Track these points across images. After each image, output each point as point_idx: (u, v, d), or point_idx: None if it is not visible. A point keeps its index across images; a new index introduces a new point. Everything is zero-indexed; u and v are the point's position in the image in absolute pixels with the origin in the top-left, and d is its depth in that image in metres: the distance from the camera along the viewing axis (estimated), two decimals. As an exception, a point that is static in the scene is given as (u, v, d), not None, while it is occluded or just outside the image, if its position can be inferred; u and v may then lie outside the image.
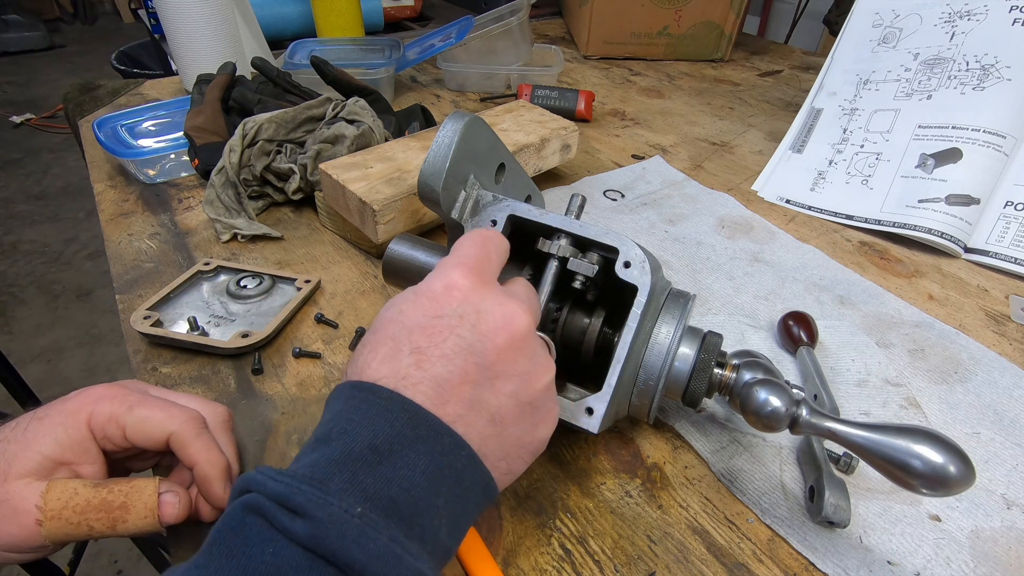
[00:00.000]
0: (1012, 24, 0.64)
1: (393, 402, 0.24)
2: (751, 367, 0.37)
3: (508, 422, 0.27)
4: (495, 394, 0.27)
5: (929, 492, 0.29)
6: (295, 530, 0.20)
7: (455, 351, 0.26)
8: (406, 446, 0.24)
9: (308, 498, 0.21)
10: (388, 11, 1.37)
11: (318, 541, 0.20)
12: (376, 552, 0.21)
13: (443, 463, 0.24)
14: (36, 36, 3.99)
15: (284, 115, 0.64)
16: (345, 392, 0.26)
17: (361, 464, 0.23)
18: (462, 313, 0.27)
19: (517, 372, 0.27)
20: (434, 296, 0.28)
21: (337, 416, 0.25)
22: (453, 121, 0.36)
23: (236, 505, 0.22)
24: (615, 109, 0.95)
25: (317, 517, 0.20)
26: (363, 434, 0.23)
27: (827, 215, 0.68)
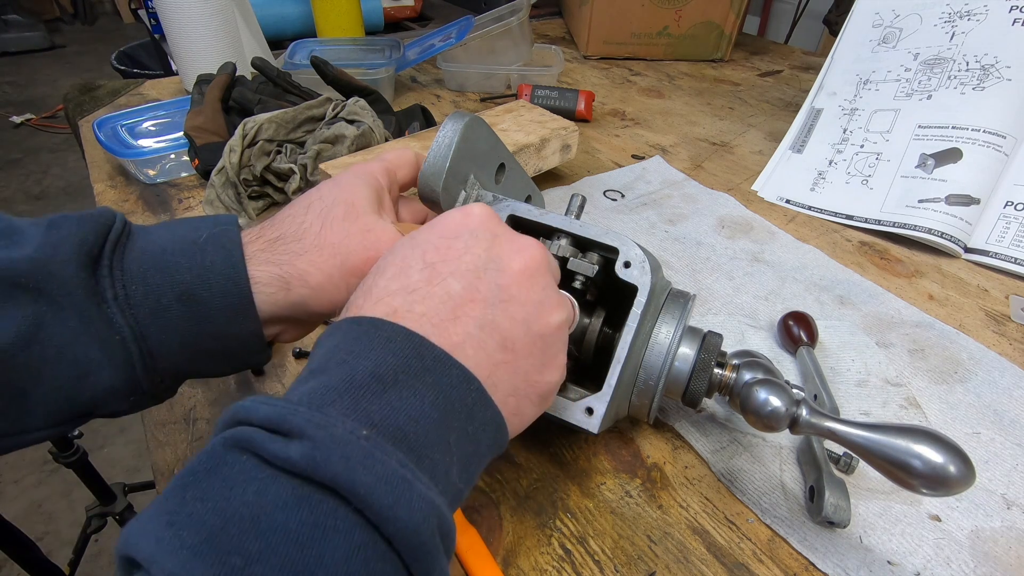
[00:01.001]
0: (1012, 24, 0.64)
1: (396, 332, 0.23)
2: (751, 367, 0.37)
3: (519, 351, 0.26)
4: (507, 318, 0.25)
5: (929, 492, 0.29)
6: (289, 454, 0.18)
7: (468, 268, 0.25)
8: (412, 376, 0.22)
9: (306, 419, 0.18)
10: (388, 11, 1.37)
11: (317, 465, 0.18)
12: (385, 474, 0.18)
13: (453, 396, 0.22)
14: (36, 36, 3.99)
15: (284, 115, 0.64)
16: (342, 327, 0.23)
17: (364, 391, 0.21)
18: (478, 235, 0.26)
19: (531, 300, 0.26)
20: (450, 221, 0.27)
21: (334, 349, 0.22)
22: (453, 121, 0.36)
23: (217, 441, 0.19)
24: (615, 109, 0.95)
25: (316, 438, 0.18)
26: (364, 364, 0.21)
27: (827, 215, 0.68)
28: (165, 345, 0.27)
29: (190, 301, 0.27)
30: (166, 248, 0.27)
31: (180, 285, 0.27)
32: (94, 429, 1.63)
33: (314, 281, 0.29)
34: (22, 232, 0.26)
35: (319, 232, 0.30)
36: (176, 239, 0.28)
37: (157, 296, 0.27)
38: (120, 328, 0.26)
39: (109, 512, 1.06)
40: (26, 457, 1.54)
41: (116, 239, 0.27)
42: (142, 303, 0.26)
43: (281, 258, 0.29)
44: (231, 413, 0.20)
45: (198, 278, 0.27)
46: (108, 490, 1.06)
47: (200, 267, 0.27)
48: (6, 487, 1.48)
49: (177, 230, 0.29)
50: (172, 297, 0.27)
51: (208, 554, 0.16)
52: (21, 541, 0.93)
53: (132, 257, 0.27)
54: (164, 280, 0.27)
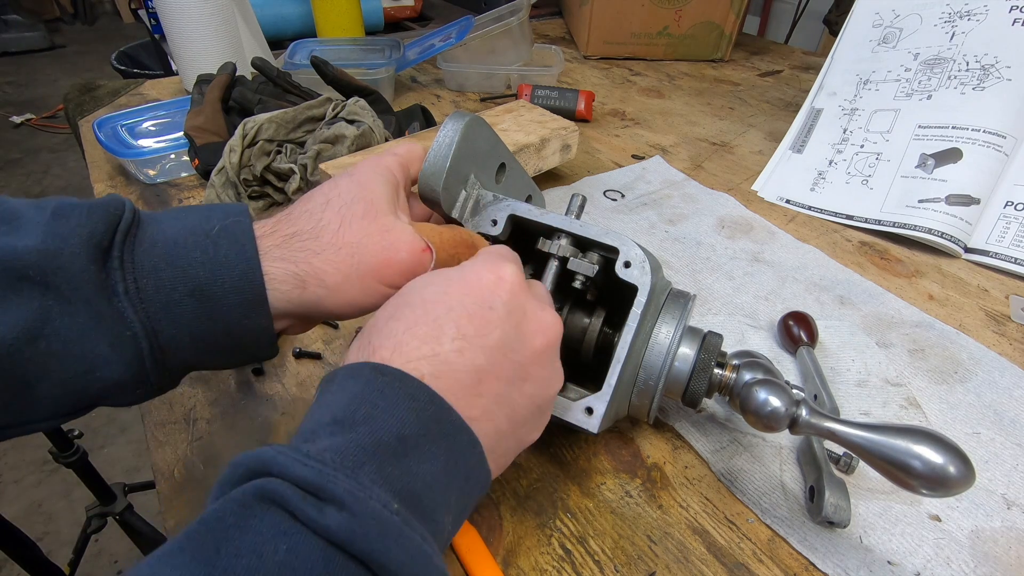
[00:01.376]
0: (1012, 24, 0.64)
1: (421, 392, 0.23)
2: (751, 367, 0.37)
3: (520, 422, 0.27)
4: (521, 395, 0.27)
5: (929, 493, 0.29)
6: (328, 523, 0.18)
7: (496, 345, 0.25)
8: (430, 440, 0.22)
9: (345, 489, 0.19)
10: (388, 11, 1.37)
11: (355, 538, 0.18)
12: (414, 552, 0.19)
13: (460, 461, 0.24)
14: (36, 36, 3.99)
15: (284, 115, 0.64)
16: (365, 374, 0.23)
17: (388, 454, 0.21)
18: (511, 310, 0.27)
19: (542, 377, 0.28)
20: (483, 285, 0.27)
21: (358, 399, 0.22)
22: (453, 121, 0.36)
23: (247, 491, 0.19)
24: (615, 109, 0.95)
25: (355, 510, 0.18)
26: (390, 422, 0.22)
27: (827, 215, 0.68)
28: (176, 340, 0.27)
29: (203, 297, 0.27)
30: (178, 240, 0.27)
31: (192, 280, 0.26)
32: (94, 429, 1.63)
33: (331, 281, 0.29)
34: (22, 217, 0.25)
35: (337, 231, 0.29)
36: (188, 230, 0.27)
37: (169, 291, 0.26)
38: (131, 323, 0.26)
39: (109, 512, 1.06)
40: (26, 457, 1.55)
41: (127, 230, 0.26)
42: (154, 298, 0.26)
43: (297, 255, 0.28)
44: (258, 462, 0.20)
45: (211, 273, 0.27)
46: (108, 490, 1.06)
47: (213, 262, 0.27)
48: (6, 487, 1.48)
49: (188, 219, 0.28)
50: (184, 292, 0.26)
51: None
52: (21, 541, 0.93)
53: (143, 250, 0.26)
54: (176, 274, 0.26)
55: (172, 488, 0.38)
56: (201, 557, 0.17)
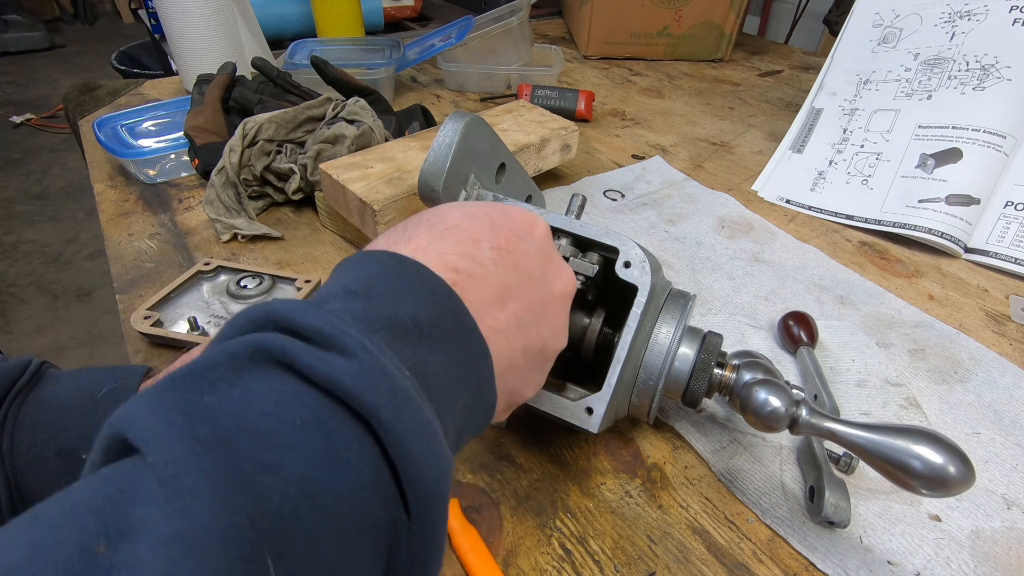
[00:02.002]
0: (1012, 24, 0.64)
1: (441, 288, 0.22)
2: (751, 367, 0.37)
3: (528, 364, 0.27)
4: (537, 330, 0.27)
5: (929, 493, 0.29)
6: (336, 372, 0.16)
7: (527, 272, 0.26)
8: (445, 335, 0.21)
9: (357, 342, 0.17)
10: (388, 11, 1.37)
11: (364, 389, 0.16)
12: (422, 420, 0.17)
13: (472, 366, 0.22)
14: (36, 36, 3.99)
15: (284, 115, 0.64)
16: (383, 260, 0.22)
17: (402, 332, 0.19)
18: (539, 248, 0.28)
19: (555, 324, 0.28)
20: (519, 220, 0.28)
21: (375, 278, 0.21)
22: (454, 121, 0.36)
23: (244, 343, 0.17)
24: (615, 109, 0.95)
25: (366, 363, 0.17)
26: (407, 305, 0.20)
27: (827, 215, 0.68)
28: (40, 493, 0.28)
29: (69, 458, 0.28)
30: (63, 403, 0.28)
31: (62, 441, 0.28)
32: (94, 429, 1.63)
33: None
34: None
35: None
36: (77, 392, 0.29)
37: (40, 449, 0.28)
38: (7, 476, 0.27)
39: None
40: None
41: (21, 388, 0.28)
42: (24, 455, 0.28)
43: None
44: (261, 313, 0.18)
45: (81, 438, 0.28)
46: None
47: (87, 427, 0.28)
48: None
49: (83, 381, 0.30)
50: (52, 452, 0.28)
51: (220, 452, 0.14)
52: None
53: (29, 409, 0.28)
54: (49, 436, 0.28)
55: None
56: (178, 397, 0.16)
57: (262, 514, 0.14)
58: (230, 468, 0.14)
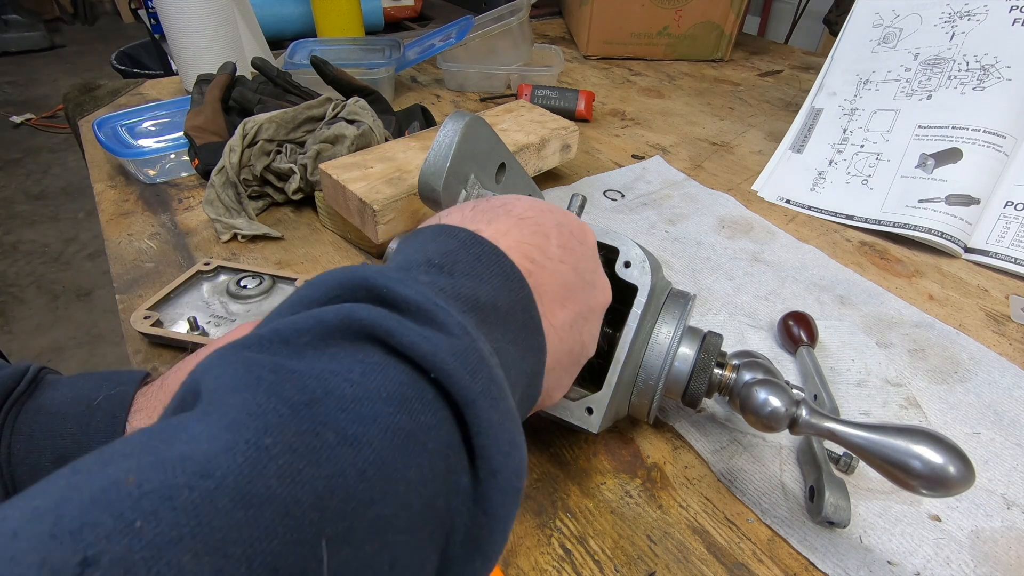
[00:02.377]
0: (1012, 24, 0.64)
1: (515, 274, 0.22)
2: (751, 367, 0.37)
3: (566, 367, 0.28)
4: (581, 333, 0.27)
5: (929, 493, 0.29)
6: (436, 350, 0.15)
7: (581, 275, 0.27)
8: (515, 324, 0.21)
9: (457, 323, 0.17)
10: (388, 11, 1.37)
11: (464, 374, 0.16)
12: (508, 413, 0.17)
13: (530, 359, 0.22)
14: (36, 36, 3.98)
15: (284, 115, 0.64)
16: (461, 237, 0.22)
17: (485, 315, 0.19)
18: (591, 256, 0.29)
19: (593, 333, 0.29)
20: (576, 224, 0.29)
21: (454, 254, 0.21)
22: (454, 120, 0.36)
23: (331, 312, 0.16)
24: (615, 109, 0.95)
25: (464, 342, 0.16)
26: (487, 289, 0.20)
27: (827, 215, 0.68)
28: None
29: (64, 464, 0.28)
30: (60, 410, 0.28)
31: (59, 449, 0.28)
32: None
33: None
34: None
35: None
36: (73, 399, 0.29)
37: (37, 456, 0.28)
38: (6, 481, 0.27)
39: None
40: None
41: (20, 395, 0.28)
42: (22, 461, 0.28)
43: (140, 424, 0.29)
44: (356, 278, 0.17)
45: (78, 444, 0.28)
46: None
47: (84, 433, 0.28)
48: (6, 487, 1.48)
49: (80, 387, 0.29)
50: (49, 459, 0.28)
51: (306, 417, 0.14)
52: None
53: (27, 416, 0.28)
54: (46, 443, 0.28)
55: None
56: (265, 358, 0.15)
57: (333, 493, 0.13)
58: (311, 438, 0.13)
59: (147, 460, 0.12)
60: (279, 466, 0.12)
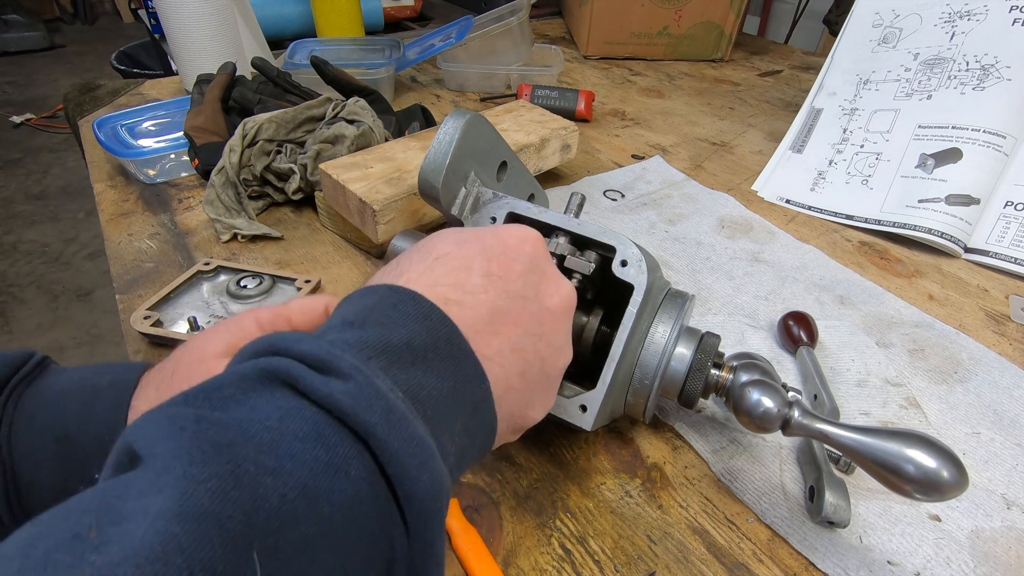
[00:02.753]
0: (1012, 24, 0.64)
1: (433, 312, 0.23)
2: (748, 368, 0.37)
3: (529, 384, 0.27)
4: (534, 350, 0.27)
5: (923, 497, 0.28)
6: (332, 392, 0.17)
7: (519, 294, 0.26)
8: (439, 358, 0.22)
9: (351, 365, 0.18)
10: (388, 11, 1.37)
11: (359, 409, 0.17)
12: (416, 437, 0.18)
13: (467, 389, 0.23)
14: (36, 36, 3.99)
15: (284, 115, 0.64)
16: (381, 291, 0.24)
17: (396, 358, 0.21)
18: (532, 266, 0.28)
19: (555, 343, 0.28)
20: (510, 241, 0.28)
21: (371, 309, 0.22)
22: (454, 119, 0.36)
23: (250, 367, 0.18)
24: (615, 109, 0.95)
25: (361, 384, 0.18)
26: (400, 332, 0.21)
27: (827, 215, 0.68)
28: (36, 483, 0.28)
29: (66, 443, 0.28)
30: (64, 391, 0.28)
31: (61, 428, 0.28)
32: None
33: None
34: None
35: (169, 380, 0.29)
36: (79, 382, 0.29)
37: (38, 435, 0.28)
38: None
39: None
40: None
41: (23, 378, 0.28)
42: (20, 443, 0.27)
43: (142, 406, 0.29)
44: (265, 344, 0.20)
45: (80, 423, 0.28)
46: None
47: (88, 413, 0.28)
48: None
49: (87, 374, 0.29)
50: (50, 439, 0.27)
51: (224, 454, 0.15)
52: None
53: (30, 397, 0.28)
54: (48, 422, 0.28)
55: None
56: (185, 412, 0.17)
57: (258, 511, 0.14)
58: (232, 467, 0.15)
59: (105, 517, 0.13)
60: (208, 488, 0.14)
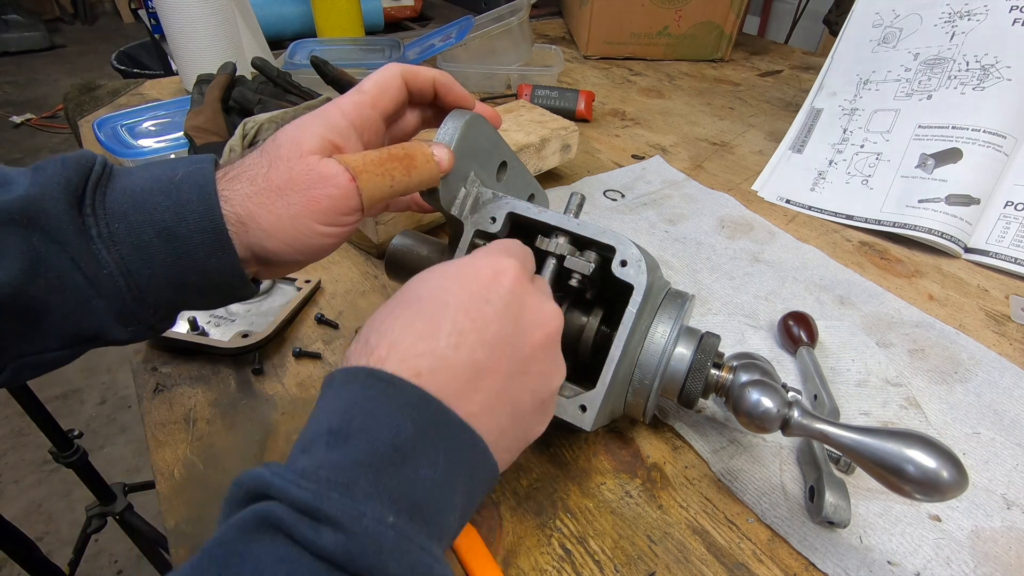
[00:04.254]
0: (1012, 24, 0.64)
1: (415, 397, 0.23)
2: (747, 368, 0.37)
3: (524, 417, 0.27)
4: (522, 389, 0.27)
5: (922, 497, 0.28)
6: (324, 544, 0.19)
7: (496, 340, 0.26)
8: (428, 444, 0.23)
9: (339, 508, 0.19)
10: (388, 11, 1.37)
11: (352, 557, 0.19)
12: (411, 563, 0.20)
13: (462, 459, 0.24)
14: (36, 36, 3.99)
15: (284, 115, 0.63)
16: (360, 378, 0.24)
17: (385, 464, 0.21)
18: (508, 303, 0.27)
19: (543, 371, 0.28)
20: (481, 279, 0.27)
21: (353, 407, 0.23)
22: (454, 119, 0.36)
23: (247, 516, 0.20)
24: (615, 109, 0.95)
25: (352, 531, 0.19)
26: (384, 432, 0.22)
27: (827, 215, 0.68)
28: (151, 279, 0.28)
29: (169, 237, 0.28)
30: (144, 187, 0.28)
31: (159, 223, 0.28)
32: (94, 429, 1.63)
33: (265, 223, 0.29)
34: (11, 179, 0.27)
35: (266, 174, 0.29)
36: (154, 178, 0.29)
37: (138, 233, 0.28)
38: (106, 263, 0.27)
39: (109, 512, 1.05)
40: (26, 457, 1.55)
41: (97, 180, 0.28)
42: (124, 239, 0.27)
43: (235, 198, 0.29)
44: (255, 483, 0.20)
45: (175, 215, 0.28)
46: (108, 490, 1.06)
47: (176, 205, 0.28)
48: (6, 487, 1.48)
49: (155, 170, 0.29)
50: (152, 234, 0.28)
51: None
52: (21, 541, 0.92)
53: (113, 197, 0.28)
54: (143, 218, 0.28)
55: (172, 488, 0.38)
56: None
57: None
58: None
59: None
60: None
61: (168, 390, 0.44)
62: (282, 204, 0.29)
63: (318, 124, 0.31)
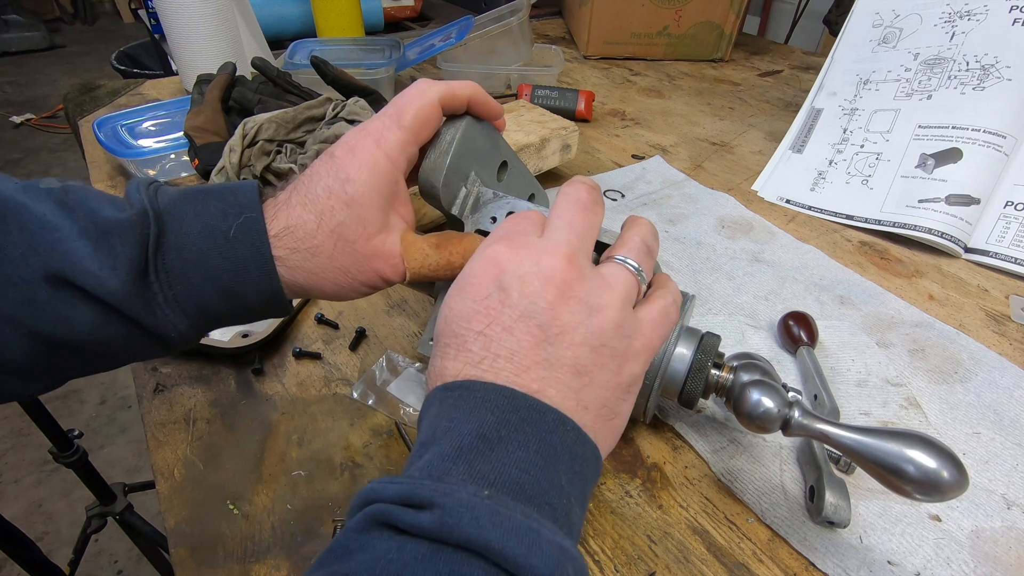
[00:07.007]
0: (1012, 24, 0.64)
1: (488, 391, 0.24)
2: (748, 369, 0.37)
3: (593, 370, 0.27)
4: (568, 347, 0.26)
5: (923, 498, 0.28)
6: (421, 523, 0.20)
7: (513, 320, 0.26)
8: (513, 430, 0.23)
9: (432, 490, 0.20)
10: (388, 11, 1.37)
11: (450, 529, 0.19)
12: (513, 527, 0.20)
13: (554, 440, 0.24)
14: (36, 36, 3.99)
15: (284, 115, 0.64)
16: (436, 397, 0.26)
17: (474, 454, 0.22)
18: (505, 285, 0.27)
19: (578, 320, 0.26)
20: (474, 278, 0.28)
21: (435, 419, 0.25)
22: (455, 119, 0.36)
23: (359, 519, 0.21)
24: (615, 109, 0.95)
25: (445, 505, 0.20)
26: (467, 427, 0.23)
27: (827, 215, 0.68)
28: (208, 325, 0.31)
29: (229, 296, 0.30)
30: (199, 245, 0.29)
31: (219, 284, 0.29)
32: (94, 429, 1.63)
33: (329, 290, 0.33)
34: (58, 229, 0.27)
35: (331, 254, 0.31)
36: (207, 232, 0.29)
37: (200, 293, 0.29)
38: (174, 326, 0.29)
39: (109, 512, 1.06)
40: (26, 457, 1.55)
41: (156, 244, 0.28)
42: (187, 300, 0.29)
43: (297, 267, 0.31)
44: (362, 496, 0.22)
45: (235, 277, 0.29)
46: (108, 490, 1.06)
47: (234, 266, 0.29)
48: (6, 487, 1.48)
49: (204, 217, 0.29)
50: (214, 294, 0.29)
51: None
52: (21, 541, 0.93)
53: (171, 258, 0.29)
54: (204, 279, 0.29)
55: (172, 488, 0.38)
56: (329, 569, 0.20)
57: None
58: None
59: None
60: None
61: (168, 390, 0.44)
62: (345, 279, 0.32)
63: (377, 193, 0.32)
